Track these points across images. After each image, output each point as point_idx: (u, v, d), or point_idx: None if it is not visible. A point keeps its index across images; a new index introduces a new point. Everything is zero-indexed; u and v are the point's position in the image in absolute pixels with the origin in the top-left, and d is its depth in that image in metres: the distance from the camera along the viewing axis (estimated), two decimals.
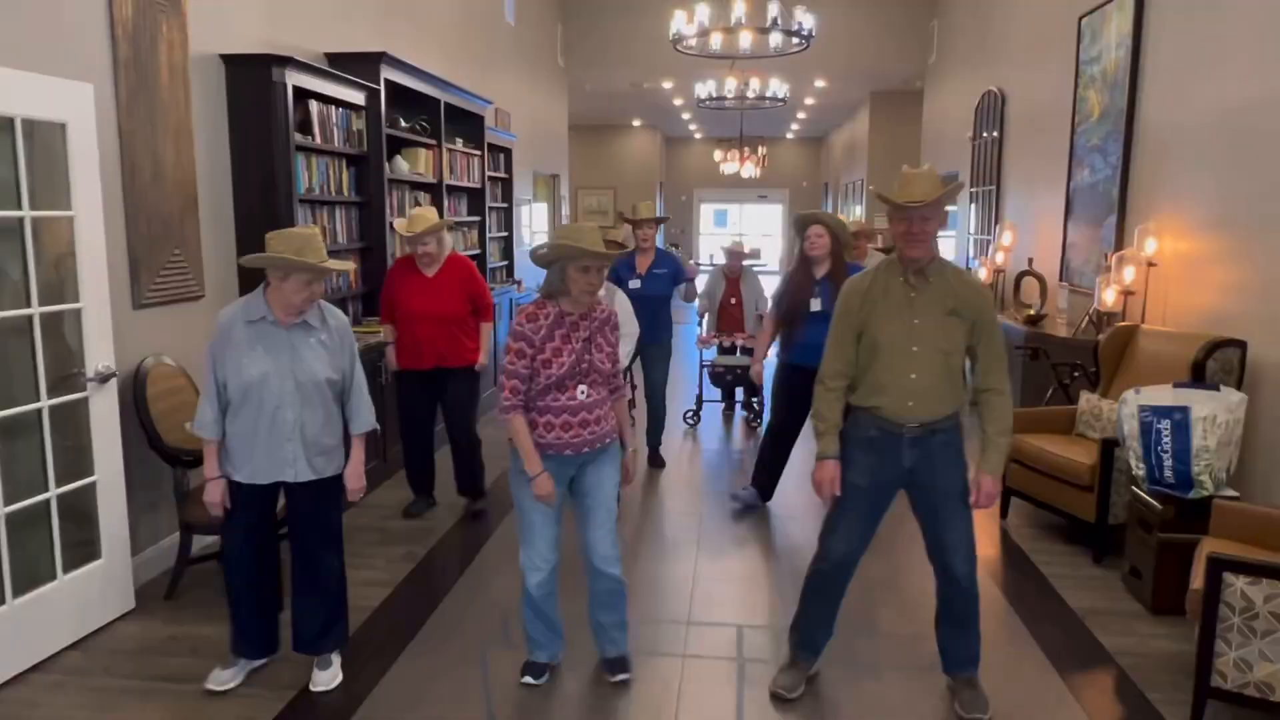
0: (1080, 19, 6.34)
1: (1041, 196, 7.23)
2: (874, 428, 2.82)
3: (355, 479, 3.06)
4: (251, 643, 3.09)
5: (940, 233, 2.79)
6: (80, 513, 3.36)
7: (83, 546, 3.37)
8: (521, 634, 3.13)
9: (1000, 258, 7.61)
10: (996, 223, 8.30)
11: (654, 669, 3.20)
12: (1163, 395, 3.78)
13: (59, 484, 3.23)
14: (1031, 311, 6.33)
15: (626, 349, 4.72)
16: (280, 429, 2.85)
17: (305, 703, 2.98)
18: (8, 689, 3.02)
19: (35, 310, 3.11)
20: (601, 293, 4.63)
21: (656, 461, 5.76)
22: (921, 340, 2.76)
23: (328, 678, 3.04)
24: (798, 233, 4.62)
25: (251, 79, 4.37)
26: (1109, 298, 5.23)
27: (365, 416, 3.04)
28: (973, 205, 9.29)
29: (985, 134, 8.81)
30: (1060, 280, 6.62)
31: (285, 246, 2.77)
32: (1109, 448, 4.06)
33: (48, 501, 3.20)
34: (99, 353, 3.36)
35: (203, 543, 4.00)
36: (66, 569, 3.28)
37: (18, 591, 3.09)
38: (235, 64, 4.36)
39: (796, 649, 3.09)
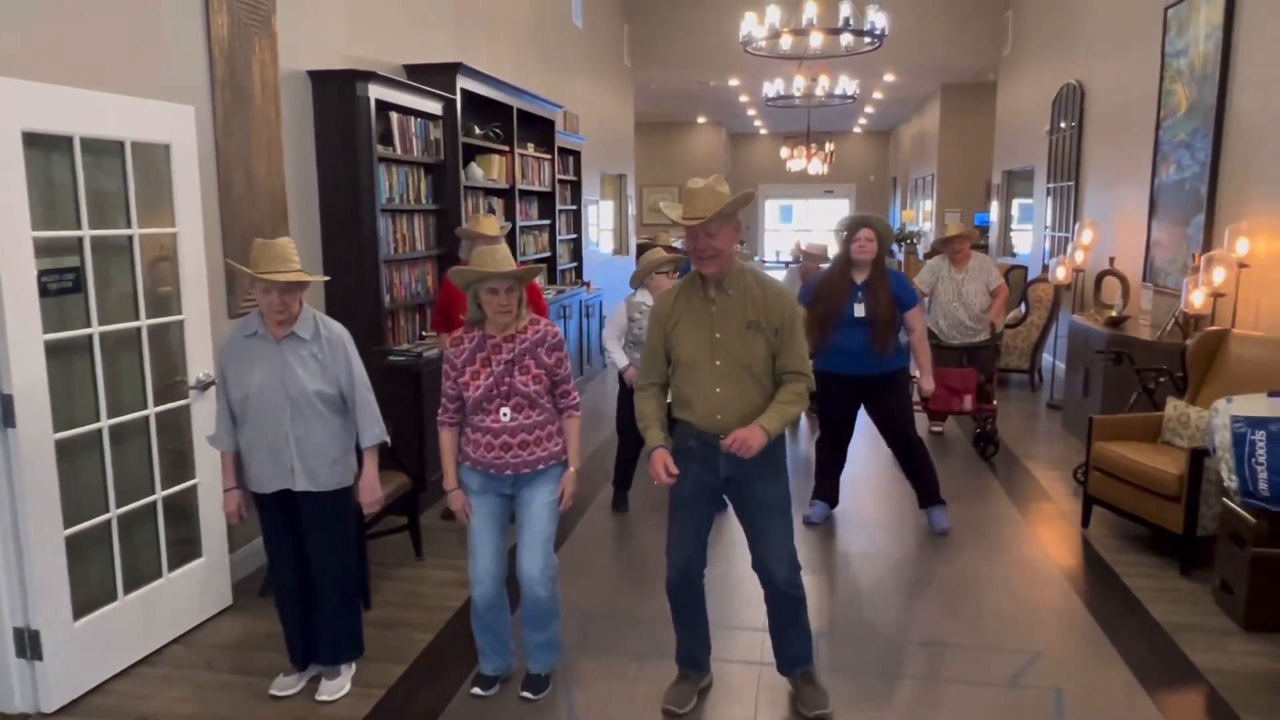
0: (1166, 10, 6.15)
1: (1123, 193, 7.03)
2: (693, 438, 2.85)
3: (368, 492, 3.10)
4: (295, 650, 3.19)
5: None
6: (183, 513, 3.54)
7: (185, 545, 3.55)
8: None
9: (1080, 256, 7.41)
10: (1075, 220, 8.09)
11: (733, 676, 3.24)
12: (1257, 405, 3.66)
13: (164, 486, 3.41)
14: (1113, 313, 6.15)
15: None
16: (276, 440, 2.94)
17: (398, 698, 3.09)
18: (120, 680, 3.20)
19: (143, 323, 3.29)
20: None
21: None
22: (723, 354, 2.77)
23: (333, 688, 3.12)
24: (847, 233, 4.49)
25: (337, 94, 4.52)
26: (1197, 300, 5.06)
27: (372, 430, 3.06)
28: (1049, 201, 9.06)
29: (1063, 128, 8.58)
30: (1144, 281, 6.42)
31: (255, 258, 2.87)
32: (1198, 458, 3.94)
33: (154, 503, 3.38)
34: (200, 361, 3.53)
35: None
36: (171, 567, 3.46)
37: (128, 588, 3.27)
38: (321, 80, 4.51)
39: (681, 663, 3.11)
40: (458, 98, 5.55)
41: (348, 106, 4.53)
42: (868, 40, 7.50)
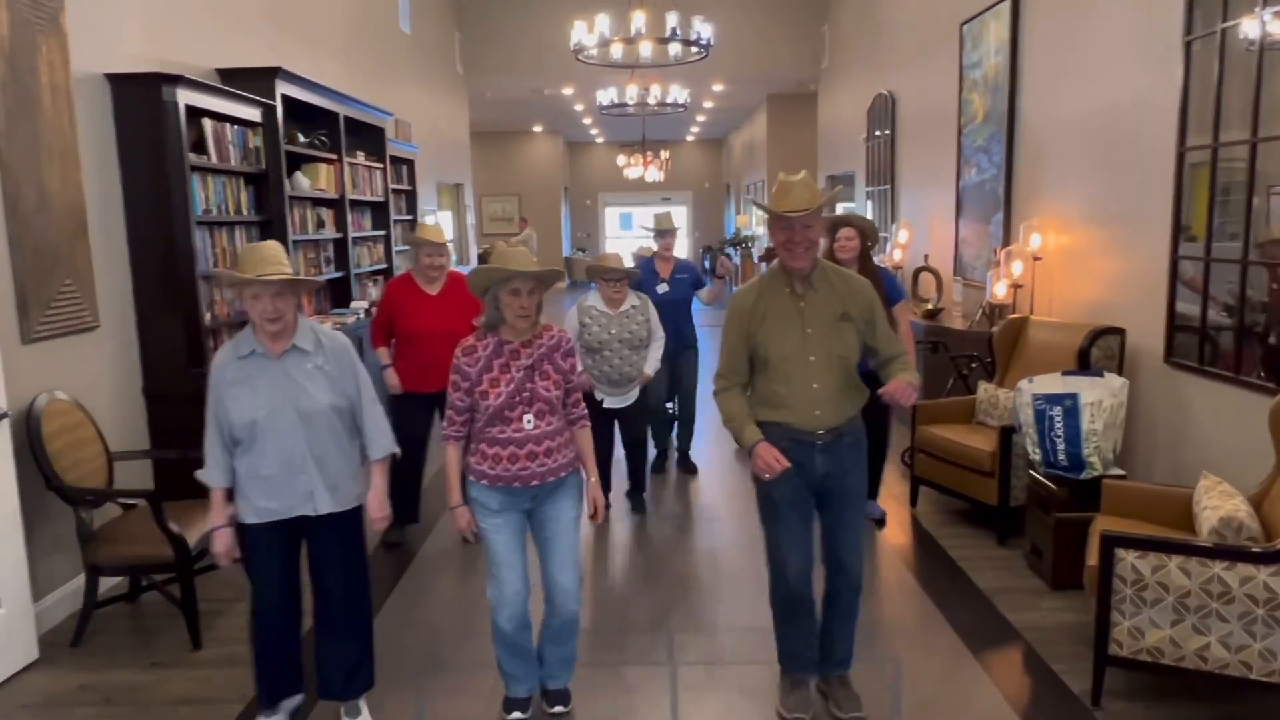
0: (961, 25, 6.66)
1: (934, 195, 7.56)
2: (785, 439, 2.79)
3: (378, 507, 2.87)
4: (276, 689, 2.91)
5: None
6: None
7: None
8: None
9: (897, 254, 7.92)
10: (893, 220, 8.63)
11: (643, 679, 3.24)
12: (1053, 383, 4.03)
13: None
14: (930, 306, 6.61)
15: (657, 355, 4.77)
16: (292, 463, 2.69)
17: None
18: None
19: None
20: (635, 301, 4.70)
21: (688, 467, 5.83)
22: (817, 349, 2.76)
23: None
24: (828, 233, 4.58)
25: (140, 98, 4.21)
26: (1000, 291, 5.52)
27: (382, 441, 2.87)
28: (870, 203, 9.63)
29: (878, 135, 9.14)
30: (955, 275, 6.94)
31: (241, 263, 2.65)
32: (1007, 435, 4.29)
33: None
34: None
35: (109, 584, 3.85)
36: None
37: None
38: (121, 83, 4.19)
39: (794, 670, 3.01)
40: (278, 103, 5.29)
41: (153, 112, 4.21)
42: (695, 50, 7.73)
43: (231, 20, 5.42)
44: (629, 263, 6.40)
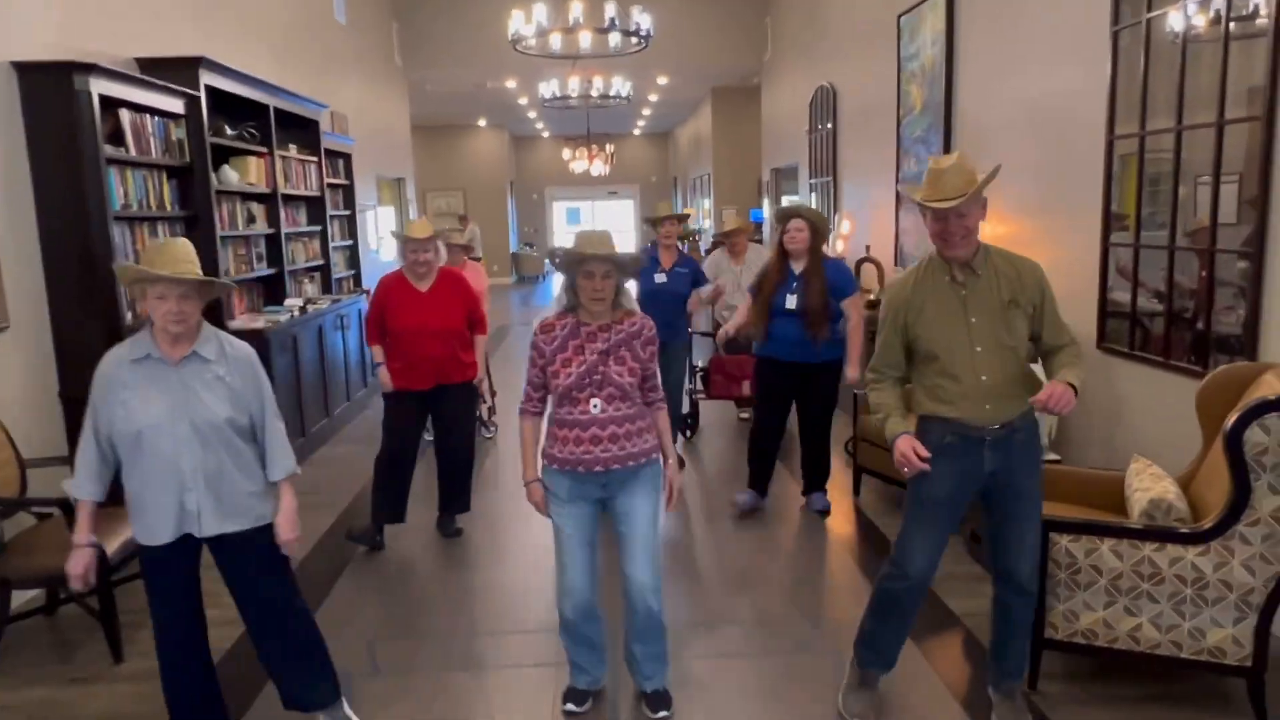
0: (899, 17, 6.71)
1: (875, 186, 7.62)
2: (950, 434, 2.62)
3: (288, 528, 2.67)
4: (192, 717, 2.75)
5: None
6: None
7: None
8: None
9: (840, 246, 7.97)
10: (835, 212, 8.69)
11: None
12: None
13: None
14: (872, 296, 6.66)
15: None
16: (178, 478, 2.50)
17: None
18: None
19: None
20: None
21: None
22: (983, 339, 2.57)
23: None
24: (779, 224, 4.60)
25: (50, 88, 4.01)
26: None
27: (284, 462, 2.67)
28: (813, 196, 9.69)
29: (820, 127, 9.19)
30: (895, 266, 7.00)
31: (148, 260, 2.47)
32: None
33: None
34: None
35: (24, 597, 3.68)
36: None
37: None
38: (30, 72, 3.99)
39: (870, 665, 2.93)
40: (202, 94, 5.10)
41: (65, 102, 4.02)
42: (635, 40, 7.67)
43: (152, 7, 5.21)
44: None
